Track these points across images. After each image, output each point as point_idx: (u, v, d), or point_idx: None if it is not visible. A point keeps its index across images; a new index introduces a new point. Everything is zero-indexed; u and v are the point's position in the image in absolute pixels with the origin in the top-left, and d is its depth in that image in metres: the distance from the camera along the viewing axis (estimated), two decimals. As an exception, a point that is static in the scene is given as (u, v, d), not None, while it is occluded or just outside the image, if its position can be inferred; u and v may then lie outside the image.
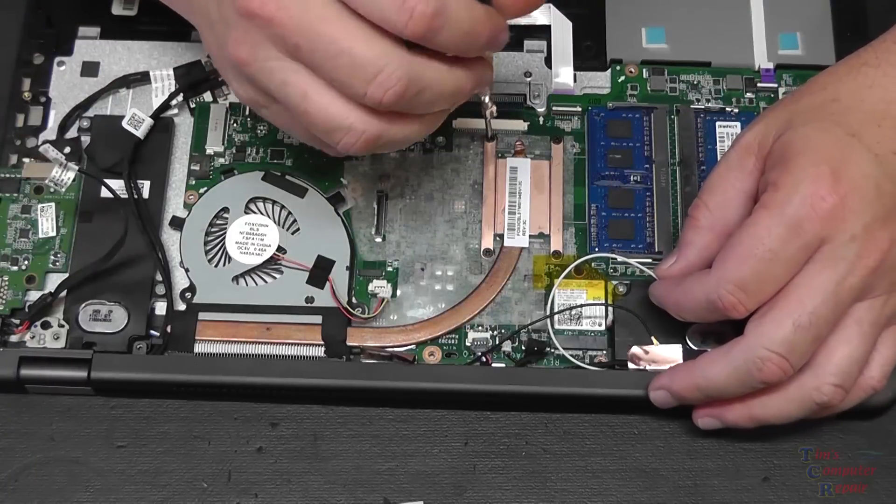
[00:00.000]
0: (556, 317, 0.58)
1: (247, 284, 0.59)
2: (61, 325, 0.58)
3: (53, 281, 0.59)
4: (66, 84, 0.63)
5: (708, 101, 0.63)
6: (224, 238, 0.59)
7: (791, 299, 0.50)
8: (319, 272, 0.59)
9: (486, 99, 0.58)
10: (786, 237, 0.49)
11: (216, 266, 0.59)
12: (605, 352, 0.58)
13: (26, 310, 0.58)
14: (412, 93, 0.48)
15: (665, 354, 0.56)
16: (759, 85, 0.63)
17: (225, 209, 0.60)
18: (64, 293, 0.58)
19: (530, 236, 0.60)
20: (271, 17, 0.47)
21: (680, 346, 0.56)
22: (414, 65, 0.48)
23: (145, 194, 0.60)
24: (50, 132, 0.62)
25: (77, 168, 0.60)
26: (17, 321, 0.58)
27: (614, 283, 0.59)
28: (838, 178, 0.49)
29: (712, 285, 0.51)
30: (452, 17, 0.47)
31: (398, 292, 0.59)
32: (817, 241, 0.49)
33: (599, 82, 0.63)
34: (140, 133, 0.61)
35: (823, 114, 0.52)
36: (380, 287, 0.59)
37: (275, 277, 0.59)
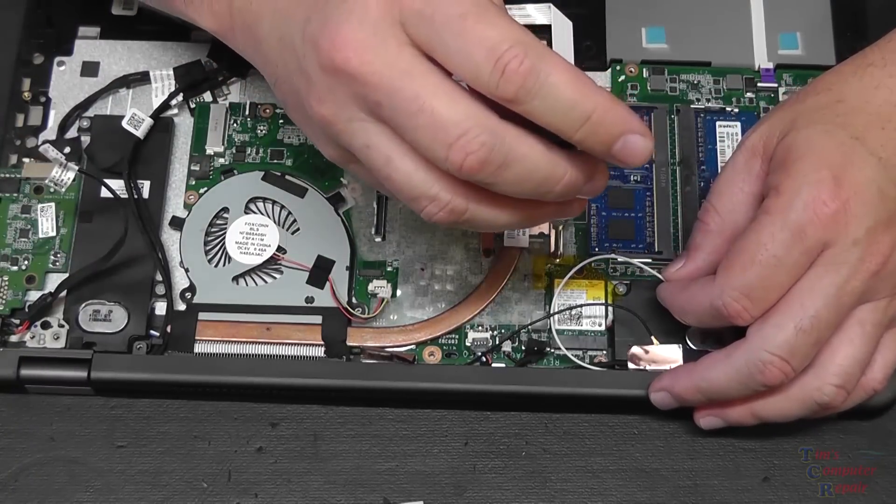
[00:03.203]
0: (556, 317, 0.58)
1: (247, 284, 0.59)
2: (61, 325, 0.58)
3: (53, 281, 0.59)
4: (66, 84, 0.63)
5: (708, 100, 0.63)
6: (224, 238, 0.59)
7: (793, 303, 0.50)
8: (319, 272, 0.59)
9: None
10: (789, 243, 0.49)
11: (216, 266, 0.59)
12: (605, 352, 0.58)
13: (26, 310, 0.58)
14: (496, 162, 0.44)
15: (665, 354, 0.56)
16: (759, 85, 0.63)
17: (225, 209, 0.60)
18: (64, 293, 0.58)
19: (530, 236, 0.60)
20: (354, 72, 0.44)
21: (680, 346, 0.56)
22: (501, 132, 0.44)
23: (145, 194, 0.60)
24: (50, 132, 0.62)
25: (77, 168, 0.60)
26: (17, 321, 0.58)
27: (614, 283, 0.59)
28: (840, 182, 0.49)
29: (717, 292, 0.51)
30: (550, 83, 0.43)
31: (398, 292, 0.59)
32: (820, 246, 0.49)
33: (600, 82, 0.63)
34: (140, 133, 0.61)
35: (828, 115, 0.52)
36: (380, 287, 0.59)
37: (275, 277, 0.59)
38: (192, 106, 0.63)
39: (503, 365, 0.58)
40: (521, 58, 0.43)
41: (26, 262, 0.59)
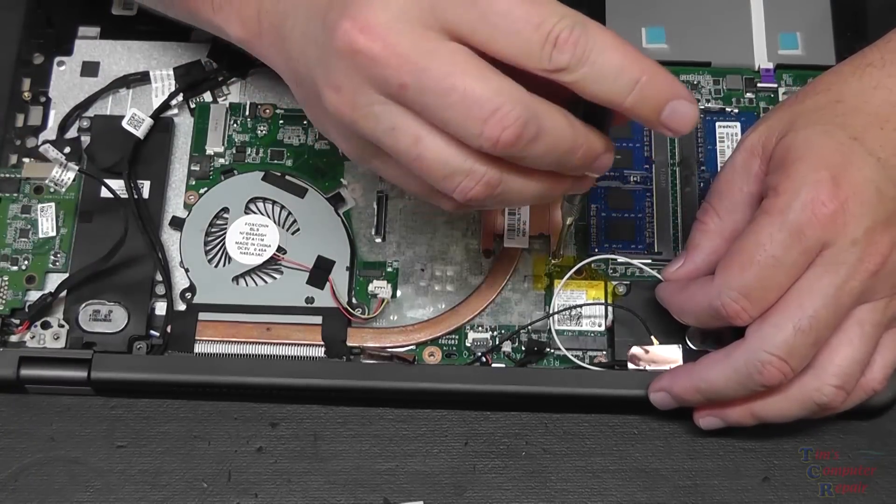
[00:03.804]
0: (556, 317, 0.58)
1: (247, 285, 0.59)
2: (61, 325, 0.58)
3: (53, 281, 0.59)
4: (66, 84, 0.63)
5: (708, 101, 0.63)
6: (224, 238, 0.59)
7: (792, 303, 0.50)
8: (319, 272, 0.59)
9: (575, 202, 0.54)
10: (787, 243, 0.49)
11: (216, 266, 0.59)
12: (605, 352, 0.58)
13: (26, 310, 0.58)
14: (529, 136, 0.44)
15: (665, 354, 0.56)
16: (759, 85, 0.63)
17: (225, 209, 0.60)
18: (64, 293, 0.58)
19: (530, 237, 0.60)
20: (377, 54, 0.43)
21: (680, 346, 0.56)
22: (534, 105, 0.44)
23: (145, 194, 0.60)
24: (50, 132, 0.62)
25: (77, 168, 0.60)
26: (17, 321, 0.58)
27: (614, 283, 0.59)
28: (838, 183, 0.49)
29: (715, 292, 0.51)
30: (599, 49, 0.44)
31: (398, 293, 0.59)
32: (819, 246, 0.49)
33: (599, 82, 0.63)
34: (140, 133, 0.61)
35: (827, 115, 0.52)
36: (380, 287, 0.59)
37: (275, 278, 0.59)
38: (192, 106, 0.63)
39: (503, 365, 0.58)
40: (570, 28, 0.43)
41: (26, 262, 0.59)
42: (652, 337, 0.57)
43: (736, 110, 0.63)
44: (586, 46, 0.44)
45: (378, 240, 0.60)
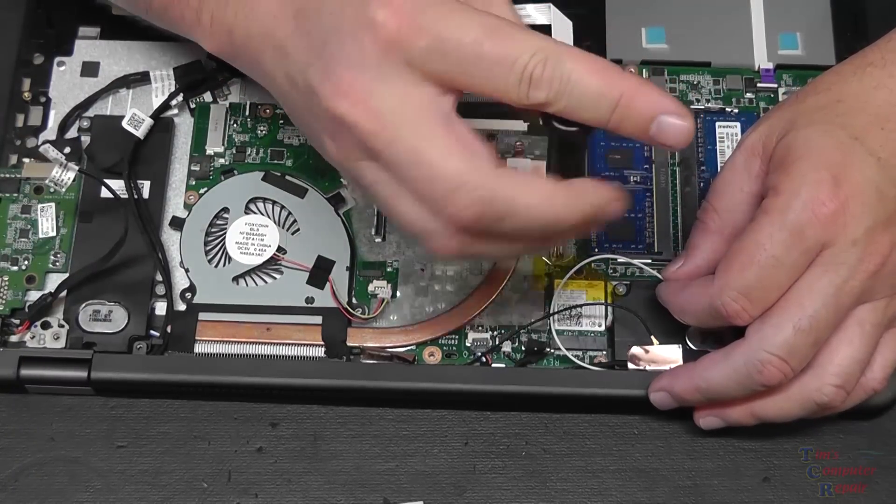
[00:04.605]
0: (555, 317, 0.58)
1: (247, 285, 0.59)
2: (61, 325, 0.58)
3: (53, 281, 0.59)
4: (66, 84, 0.63)
5: (708, 101, 0.63)
6: (224, 238, 0.59)
7: (791, 303, 0.50)
8: (319, 272, 0.59)
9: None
10: (788, 243, 0.49)
11: (216, 266, 0.59)
12: (605, 352, 0.58)
13: (26, 310, 0.58)
14: (493, 216, 0.45)
15: (665, 354, 0.56)
16: (759, 85, 0.63)
17: (225, 209, 0.60)
18: (64, 293, 0.58)
19: (530, 236, 0.60)
20: (356, 121, 0.45)
21: (680, 346, 0.56)
22: (497, 186, 0.44)
23: (145, 194, 0.60)
24: (50, 132, 0.62)
25: (77, 168, 0.60)
26: (17, 321, 0.58)
27: (614, 283, 0.59)
28: (839, 183, 0.49)
29: (715, 292, 0.51)
30: (574, 79, 0.44)
31: (398, 293, 0.59)
32: (819, 246, 0.49)
33: (599, 82, 0.63)
34: (140, 133, 0.61)
35: (827, 115, 0.52)
36: (380, 287, 0.59)
37: (275, 278, 0.59)
38: (192, 106, 0.63)
39: (503, 365, 0.58)
40: (543, 62, 0.44)
41: (26, 262, 0.59)
42: (652, 337, 0.57)
43: (736, 110, 0.63)
44: (562, 78, 0.44)
45: (378, 240, 0.60)
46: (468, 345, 0.58)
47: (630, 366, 0.56)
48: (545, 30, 0.64)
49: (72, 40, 0.64)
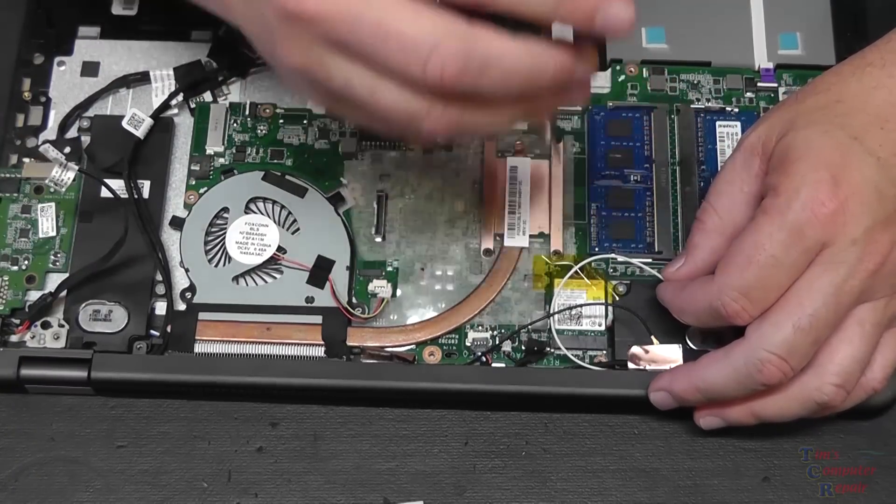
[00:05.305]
0: (556, 317, 0.58)
1: (247, 284, 0.59)
2: (61, 325, 0.58)
3: (53, 281, 0.59)
4: (66, 84, 0.63)
5: (708, 100, 0.63)
6: (224, 238, 0.59)
7: (791, 302, 0.50)
8: (319, 272, 0.59)
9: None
10: (787, 243, 0.49)
11: (216, 266, 0.59)
12: (605, 352, 0.58)
13: (26, 310, 0.58)
14: (475, 68, 0.43)
15: (665, 354, 0.56)
16: (759, 85, 0.63)
17: (225, 209, 0.60)
18: (64, 293, 0.58)
19: (530, 236, 0.60)
20: (311, 14, 0.43)
21: (680, 346, 0.56)
22: (473, 36, 0.43)
23: (145, 194, 0.60)
24: (50, 132, 0.62)
25: (77, 168, 0.60)
26: (17, 321, 0.58)
27: (614, 283, 0.59)
28: (838, 182, 0.49)
29: (715, 292, 0.51)
30: None
31: (398, 292, 0.59)
32: (818, 246, 0.49)
33: (599, 82, 0.63)
34: (140, 133, 0.61)
35: (827, 115, 0.52)
36: (380, 287, 0.59)
37: (275, 277, 0.59)
38: (192, 106, 0.63)
39: (503, 365, 0.58)
40: None
41: (26, 262, 0.59)
42: (652, 337, 0.57)
43: (736, 110, 0.63)
44: None
45: (378, 239, 0.60)
46: (468, 344, 0.58)
47: (630, 366, 0.56)
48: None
49: (72, 40, 0.64)
